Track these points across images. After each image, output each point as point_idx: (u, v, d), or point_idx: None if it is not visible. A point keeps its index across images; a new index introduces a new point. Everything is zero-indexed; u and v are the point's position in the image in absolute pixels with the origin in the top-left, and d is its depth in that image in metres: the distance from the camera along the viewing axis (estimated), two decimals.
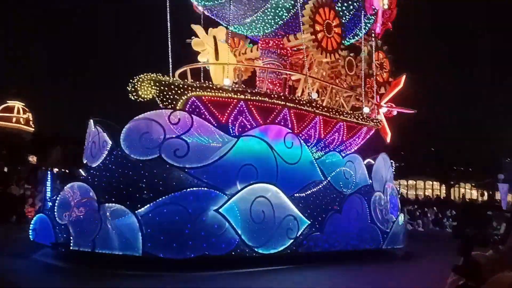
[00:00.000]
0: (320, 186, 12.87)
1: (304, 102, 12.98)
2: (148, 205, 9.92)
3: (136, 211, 9.81)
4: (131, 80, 11.86)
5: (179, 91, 12.12)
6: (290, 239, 11.35)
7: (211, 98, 12.21)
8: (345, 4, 15.29)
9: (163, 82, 11.96)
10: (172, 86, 12.09)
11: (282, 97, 12.56)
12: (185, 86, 12.09)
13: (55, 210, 10.85)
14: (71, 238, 10.04)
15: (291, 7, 14.19)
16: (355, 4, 15.56)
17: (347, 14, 15.63)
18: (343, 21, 15.54)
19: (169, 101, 12.53)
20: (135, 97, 11.94)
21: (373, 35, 17.55)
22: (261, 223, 10.80)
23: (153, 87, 11.98)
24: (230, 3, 13.09)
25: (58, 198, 10.94)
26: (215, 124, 12.27)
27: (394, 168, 16.72)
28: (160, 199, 9.98)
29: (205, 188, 10.41)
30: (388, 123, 19.01)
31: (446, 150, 53.35)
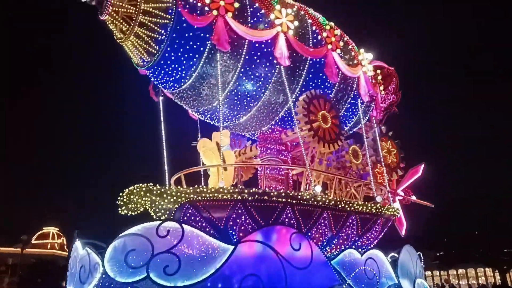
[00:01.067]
0: None
1: (307, 197, 11.93)
2: None
3: None
4: (120, 194, 11.22)
5: (172, 199, 11.34)
6: None
7: (207, 203, 11.33)
8: (340, 94, 15.07)
9: (154, 192, 11.25)
10: (165, 195, 11.35)
11: (283, 194, 11.57)
12: (178, 193, 11.32)
13: None
14: None
15: (284, 102, 13.97)
16: (350, 93, 15.36)
17: (343, 103, 15.36)
18: (340, 110, 15.23)
19: (163, 211, 11.73)
20: (125, 212, 11.17)
21: (374, 121, 17.11)
22: None
23: (144, 198, 11.27)
24: (220, 106, 12.87)
25: None
26: (213, 231, 11.22)
27: (423, 260, 14.87)
28: None
29: None
30: (408, 212, 17.70)
31: (491, 232, 48.98)
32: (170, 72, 12.92)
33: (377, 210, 13.83)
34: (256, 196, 11.29)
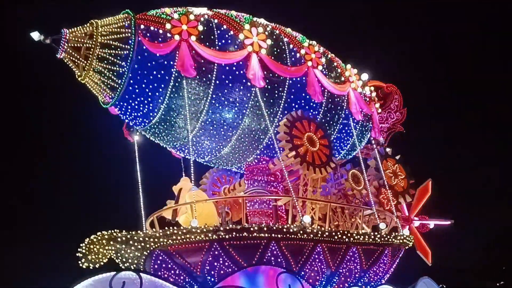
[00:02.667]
0: None
1: (294, 230, 10.33)
2: None
3: None
4: (80, 245, 9.87)
5: (139, 246, 9.96)
6: None
7: (179, 247, 9.90)
8: (329, 114, 13.78)
9: (119, 239, 9.89)
10: (131, 242, 9.98)
11: (265, 229, 10.04)
12: (146, 239, 9.94)
13: None
14: None
15: (267, 128, 12.73)
16: (340, 113, 14.05)
17: (335, 124, 14.03)
18: (331, 132, 13.90)
19: (130, 260, 10.32)
20: (86, 264, 9.76)
21: (373, 141, 15.64)
22: None
23: (107, 247, 9.89)
24: (189, 138, 11.71)
25: None
26: (188, 279, 9.71)
27: None
28: None
29: None
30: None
31: None
32: (137, 107, 11.95)
33: (383, 239, 12.05)
34: (234, 233, 9.79)
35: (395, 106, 17.22)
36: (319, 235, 10.66)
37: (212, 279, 9.80)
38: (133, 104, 11.87)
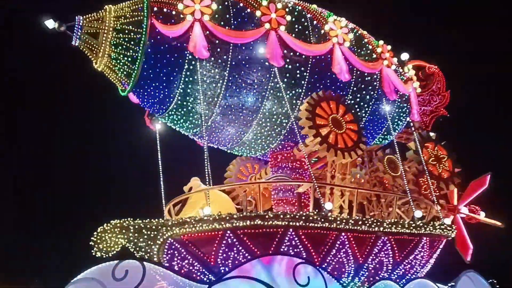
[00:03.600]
0: None
1: (315, 217, 9.48)
2: None
3: None
4: (94, 233, 9.66)
5: (151, 235, 9.60)
6: None
7: (192, 236, 9.44)
8: (359, 95, 12.73)
9: (132, 228, 9.59)
10: (144, 230, 9.65)
11: (281, 216, 9.29)
12: (158, 227, 9.57)
13: None
14: None
15: (289, 112, 11.93)
16: (372, 93, 12.95)
17: (366, 105, 12.97)
18: (363, 114, 12.86)
19: (143, 249, 10.00)
20: (98, 254, 9.54)
21: (411, 125, 14.34)
22: None
23: (120, 236, 9.62)
24: (203, 122, 11.18)
25: None
26: (202, 269, 9.23)
27: None
28: None
29: None
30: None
31: None
32: (153, 93, 11.62)
33: (418, 229, 10.88)
34: (248, 221, 9.14)
35: (438, 89, 15.79)
36: (343, 223, 9.74)
37: (226, 269, 9.23)
38: (149, 90, 11.55)
